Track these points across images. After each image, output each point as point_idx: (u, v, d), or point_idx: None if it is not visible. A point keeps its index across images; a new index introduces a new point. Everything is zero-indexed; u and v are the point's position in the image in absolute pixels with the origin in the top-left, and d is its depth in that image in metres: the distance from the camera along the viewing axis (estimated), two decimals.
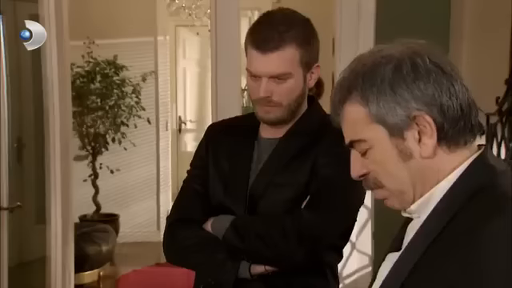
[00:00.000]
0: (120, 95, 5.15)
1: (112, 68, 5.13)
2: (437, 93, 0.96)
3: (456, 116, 0.97)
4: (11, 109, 2.87)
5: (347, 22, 3.30)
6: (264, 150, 1.54)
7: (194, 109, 7.42)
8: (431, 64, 0.98)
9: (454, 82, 0.99)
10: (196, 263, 1.51)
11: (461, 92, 0.99)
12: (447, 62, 1.01)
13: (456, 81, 0.99)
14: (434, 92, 0.96)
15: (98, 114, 5.10)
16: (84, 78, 5.02)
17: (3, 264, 2.23)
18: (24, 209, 2.35)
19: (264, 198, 1.49)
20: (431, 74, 0.97)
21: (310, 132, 1.51)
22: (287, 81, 1.45)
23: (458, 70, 1.01)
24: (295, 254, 1.41)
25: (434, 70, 0.97)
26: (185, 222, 1.54)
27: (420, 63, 0.98)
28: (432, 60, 0.99)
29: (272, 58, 1.43)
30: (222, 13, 3.32)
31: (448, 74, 0.98)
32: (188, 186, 1.60)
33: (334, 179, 1.44)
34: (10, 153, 2.44)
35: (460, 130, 0.98)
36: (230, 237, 1.46)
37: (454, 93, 0.97)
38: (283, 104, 1.47)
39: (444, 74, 0.98)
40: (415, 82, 0.96)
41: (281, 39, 1.42)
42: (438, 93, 0.96)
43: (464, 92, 1.00)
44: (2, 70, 2.27)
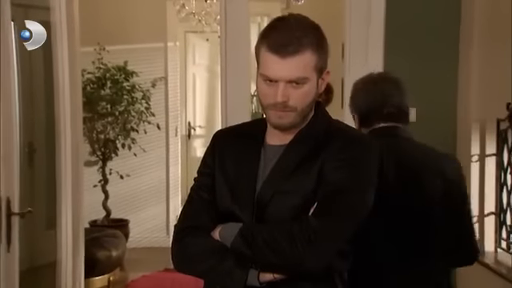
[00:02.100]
0: (130, 101, 5.18)
1: (122, 74, 5.16)
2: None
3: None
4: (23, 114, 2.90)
5: (356, 27, 3.30)
6: (271, 156, 1.53)
7: (204, 114, 7.44)
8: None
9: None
10: (204, 271, 1.51)
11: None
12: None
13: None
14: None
15: (108, 119, 5.13)
16: (94, 84, 5.06)
17: (15, 268, 2.24)
18: (35, 214, 2.36)
19: (271, 204, 1.48)
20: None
21: (316, 138, 1.51)
22: (304, 86, 1.45)
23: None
24: (303, 261, 1.41)
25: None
26: (193, 230, 1.54)
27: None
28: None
29: (291, 62, 1.43)
30: (232, 19, 3.33)
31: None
32: (195, 194, 1.60)
33: (341, 185, 1.43)
34: (22, 158, 2.45)
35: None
36: (238, 245, 1.45)
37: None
38: (298, 109, 1.47)
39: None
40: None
41: (299, 44, 1.43)
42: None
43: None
44: (14, 75, 2.29)
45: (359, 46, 3.30)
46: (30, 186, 3.41)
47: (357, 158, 1.47)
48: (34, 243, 3.37)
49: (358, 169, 1.46)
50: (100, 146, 5.17)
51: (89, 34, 3.72)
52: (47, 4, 2.75)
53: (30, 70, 3.38)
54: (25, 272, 2.43)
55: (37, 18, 2.99)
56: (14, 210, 2.19)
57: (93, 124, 5.08)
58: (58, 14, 2.74)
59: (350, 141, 1.50)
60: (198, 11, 5.10)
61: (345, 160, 1.45)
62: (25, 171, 3.10)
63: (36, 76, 3.49)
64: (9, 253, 2.17)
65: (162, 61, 5.65)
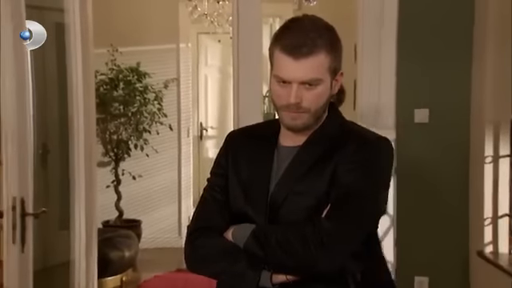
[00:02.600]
0: (142, 102, 5.20)
1: (135, 75, 5.18)
2: None
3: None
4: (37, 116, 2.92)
5: (369, 29, 3.29)
6: (284, 158, 1.53)
7: (216, 115, 7.45)
8: None
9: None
10: (217, 272, 1.51)
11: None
12: None
13: None
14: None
15: (120, 120, 5.15)
16: (107, 85, 5.08)
17: (29, 268, 2.26)
18: (48, 214, 2.37)
19: (284, 206, 1.48)
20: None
21: (330, 139, 1.51)
22: (317, 87, 1.45)
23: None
24: (316, 263, 1.40)
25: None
26: (206, 231, 1.55)
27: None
28: None
29: (305, 63, 1.42)
30: (244, 20, 3.33)
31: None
32: (208, 195, 1.61)
33: (355, 187, 1.43)
34: (36, 159, 2.47)
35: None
36: (250, 246, 1.46)
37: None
38: (311, 110, 1.47)
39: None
40: None
41: (313, 45, 1.42)
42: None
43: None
44: (29, 77, 2.31)
45: (372, 47, 3.29)
46: (43, 186, 3.43)
47: (370, 160, 1.46)
48: (48, 243, 3.39)
49: (372, 171, 1.46)
50: (113, 146, 5.20)
51: (102, 35, 3.74)
52: (61, 6, 2.77)
53: (43, 71, 3.40)
54: (39, 272, 2.44)
55: (51, 20, 3.02)
56: (29, 210, 2.21)
57: (106, 125, 5.10)
58: (72, 15, 2.76)
59: (364, 143, 1.49)
60: (210, 12, 5.11)
61: (358, 162, 1.45)
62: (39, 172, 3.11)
63: (50, 77, 3.52)
64: (23, 253, 2.18)
65: (175, 62, 5.67)
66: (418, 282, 3.40)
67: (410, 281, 3.41)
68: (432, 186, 3.38)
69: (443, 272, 3.39)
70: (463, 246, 3.37)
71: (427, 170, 3.39)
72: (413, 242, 3.40)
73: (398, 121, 3.34)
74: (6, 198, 2.13)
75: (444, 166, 3.38)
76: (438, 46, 3.33)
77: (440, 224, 3.38)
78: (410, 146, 3.33)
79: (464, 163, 3.36)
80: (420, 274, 3.40)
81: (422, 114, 3.34)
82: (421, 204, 3.39)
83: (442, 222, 3.38)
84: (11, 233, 2.11)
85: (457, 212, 3.38)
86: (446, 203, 3.39)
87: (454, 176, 3.38)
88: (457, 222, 3.38)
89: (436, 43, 3.34)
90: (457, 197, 3.38)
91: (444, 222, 3.38)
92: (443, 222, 3.38)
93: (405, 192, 3.33)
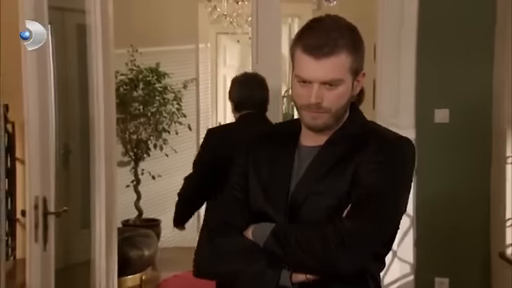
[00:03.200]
0: (162, 102, 5.23)
1: (154, 75, 5.21)
2: None
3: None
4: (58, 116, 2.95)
5: (389, 28, 3.28)
6: (305, 157, 1.53)
7: None
8: None
9: None
10: (237, 271, 1.51)
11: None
12: None
13: None
14: None
15: (140, 120, 5.19)
16: (127, 86, 5.12)
17: (51, 267, 2.29)
18: (70, 213, 2.40)
19: (305, 205, 1.48)
20: None
21: (351, 139, 1.50)
22: (338, 87, 1.44)
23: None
24: (336, 263, 1.40)
25: None
26: (225, 229, 1.55)
27: None
28: None
29: (326, 63, 1.42)
30: (263, 20, 3.34)
31: None
32: (228, 193, 1.61)
33: (376, 187, 1.42)
34: (58, 159, 2.50)
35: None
36: (270, 245, 1.45)
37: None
38: (332, 110, 1.46)
39: None
40: None
41: (335, 45, 1.41)
42: None
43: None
44: (51, 78, 2.33)
45: (391, 46, 3.28)
46: (65, 186, 3.47)
47: (392, 160, 1.45)
48: (69, 242, 3.43)
49: (393, 171, 1.45)
50: (132, 146, 5.23)
51: (122, 36, 3.76)
52: (83, 7, 2.79)
53: (65, 72, 3.44)
54: (60, 270, 2.47)
55: (73, 21, 3.05)
56: (50, 209, 2.23)
57: (125, 125, 5.14)
58: (94, 16, 2.78)
59: (386, 143, 1.48)
60: (229, 13, 5.12)
61: (380, 162, 1.44)
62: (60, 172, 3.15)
63: (71, 78, 3.55)
64: (45, 251, 2.20)
65: (194, 62, 5.69)
66: (438, 283, 3.38)
67: (431, 282, 3.38)
68: (452, 186, 3.36)
69: (464, 273, 3.37)
70: (484, 247, 3.34)
71: (447, 171, 3.37)
72: (433, 242, 3.37)
73: (418, 121, 3.32)
74: (29, 197, 2.15)
75: (465, 167, 3.35)
76: (458, 45, 3.31)
77: (461, 225, 3.36)
78: (430, 146, 3.31)
79: (485, 164, 3.33)
80: (440, 275, 3.38)
81: (443, 114, 3.32)
82: (441, 204, 3.37)
83: (462, 223, 3.36)
84: (33, 231, 2.13)
85: (478, 213, 3.35)
86: (466, 204, 3.36)
87: (474, 176, 3.35)
88: (478, 223, 3.35)
89: (457, 43, 3.31)
90: (478, 197, 3.35)
91: (465, 223, 3.35)
92: (464, 222, 3.36)
93: (424, 192, 3.31)
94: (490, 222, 3.32)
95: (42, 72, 2.22)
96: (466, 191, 3.35)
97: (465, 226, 3.35)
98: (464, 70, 3.31)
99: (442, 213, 3.37)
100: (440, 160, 3.35)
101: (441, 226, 3.37)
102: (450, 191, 3.36)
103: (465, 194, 3.35)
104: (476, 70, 3.30)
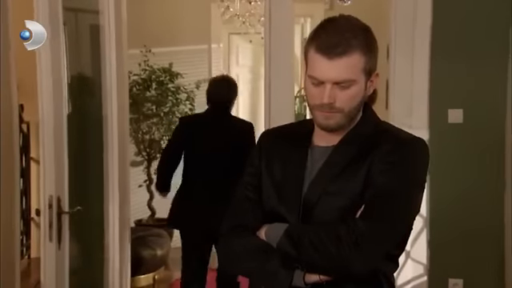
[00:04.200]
0: (174, 102, 5.24)
1: (167, 75, 5.22)
2: None
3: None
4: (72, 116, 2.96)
5: (402, 28, 3.27)
6: (318, 158, 1.53)
7: (247, 115, 7.45)
8: None
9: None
10: (250, 271, 1.52)
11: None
12: None
13: None
14: None
15: (153, 120, 5.20)
16: (140, 86, 5.14)
17: (65, 266, 2.30)
18: (83, 213, 2.41)
19: (318, 206, 1.48)
20: None
21: (364, 140, 1.50)
22: (351, 88, 1.44)
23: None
24: (349, 263, 1.40)
25: None
26: (238, 229, 1.55)
27: None
28: None
29: (339, 63, 1.41)
30: (276, 20, 3.34)
31: None
32: (241, 194, 1.61)
33: (389, 188, 1.42)
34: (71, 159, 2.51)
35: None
36: (283, 245, 1.45)
37: None
38: (345, 111, 1.46)
39: None
40: None
41: (348, 45, 1.41)
42: None
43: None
44: (65, 79, 2.35)
45: (405, 46, 3.27)
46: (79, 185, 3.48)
47: (406, 160, 1.45)
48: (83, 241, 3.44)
49: (407, 172, 1.44)
50: (145, 146, 5.25)
51: (135, 36, 3.78)
52: (96, 8, 2.81)
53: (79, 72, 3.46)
54: (74, 270, 2.48)
55: (86, 22, 3.07)
56: (65, 208, 2.25)
57: (138, 125, 5.16)
58: (107, 17, 2.80)
59: (399, 143, 1.48)
60: (242, 13, 5.13)
61: (393, 163, 1.43)
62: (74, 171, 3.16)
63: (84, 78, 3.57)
64: (59, 250, 2.23)
65: (206, 62, 5.70)
66: (452, 285, 3.36)
67: (444, 283, 3.37)
68: (466, 186, 3.34)
69: (478, 274, 3.35)
70: (499, 248, 3.32)
71: (461, 171, 3.35)
72: (446, 243, 3.36)
73: (432, 121, 3.30)
74: (43, 196, 2.17)
75: (478, 167, 3.33)
76: (472, 45, 3.29)
77: (474, 225, 3.33)
78: (443, 147, 3.29)
79: (499, 164, 3.31)
80: (454, 276, 3.36)
81: (456, 115, 3.30)
82: (454, 205, 3.35)
83: (476, 224, 3.33)
84: (48, 231, 2.15)
85: (492, 213, 3.33)
86: (480, 204, 3.34)
87: (488, 177, 3.32)
88: (492, 224, 3.33)
89: (470, 42, 3.29)
90: (491, 198, 3.32)
91: (478, 224, 3.33)
92: (478, 223, 3.33)
93: (438, 193, 3.29)
94: (504, 223, 3.30)
95: (56, 72, 2.24)
96: (479, 191, 3.33)
97: (479, 226, 3.33)
98: (478, 70, 3.28)
99: (456, 213, 3.35)
100: (453, 160, 3.33)
101: (454, 226, 3.35)
102: (464, 191, 3.34)
103: (478, 194, 3.33)
104: (490, 69, 3.28)
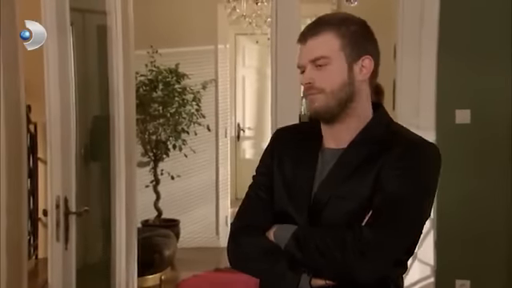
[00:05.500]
0: (181, 103, 5.25)
1: (174, 76, 5.24)
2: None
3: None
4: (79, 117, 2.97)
5: (409, 28, 3.26)
6: (328, 159, 1.51)
7: (253, 116, 7.47)
8: None
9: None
10: (258, 271, 1.51)
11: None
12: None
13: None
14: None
15: (159, 121, 5.21)
16: (147, 87, 5.15)
17: (72, 265, 2.31)
18: (90, 213, 2.42)
19: (326, 208, 1.47)
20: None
21: (375, 141, 1.48)
22: (327, 67, 1.47)
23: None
24: (354, 271, 1.38)
25: None
26: (248, 229, 1.54)
27: None
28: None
29: (311, 44, 1.48)
30: (283, 21, 3.33)
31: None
32: (253, 193, 1.60)
33: (399, 194, 1.40)
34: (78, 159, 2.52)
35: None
36: (291, 247, 1.45)
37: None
38: (326, 90, 1.47)
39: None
40: None
41: (317, 26, 1.49)
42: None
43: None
44: (72, 79, 2.36)
45: (412, 46, 3.26)
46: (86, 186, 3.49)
47: (416, 165, 1.42)
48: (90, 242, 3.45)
49: (417, 177, 1.42)
50: (152, 147, 5.26)
51: (142, 37, 3.79)
52: (103, 8, 2.82)
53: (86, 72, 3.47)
54: (81, 269, 2.49)
55: (93, 23, 3.08)
56: (72, 209, 2.26)
57: (145, 125, 5.17)
58: (114, 18, 2.80)
59: (410, 147, 1.45)
60: (248, 14, 5.13)
61: (404, 168, 1.41)
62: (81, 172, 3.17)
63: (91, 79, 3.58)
64: (66, 250, 2.23)
65: (213, 63, 5.71)
66: (459, 286, 3.35)
67: (451, 284, 3.35)
68: (473, 187, 3.32)
69: (485, 275, 3.33)
70: (506, 249, 3.30)
71: (468, 172, 3.33)
72: (454, 244, 3.34)
73: (439, 121, 3.29)
74: (51, 196, 2.18)
75: (486, 168, 3.32)
76: (480, 45, 3.28)
77: (482, 226, 3.32)
78: (451, 147, 3.27)
79: (507, 165, 3.29)
80: (461, 278, 3.34)
81: (464, 115, 3.29)
82: (461, 206, 3.34)
83: (483, 225, 3.32)
84: (55, 231, 2.16)
85: (499, 214, 3.31)
86: (488, 205, 3.32)
87: (496, 178, 3.31)
88: (499, 225, 3.31)
89: (478, 43, 3.28)
90: (499, 199, 3.31)
91: (486, 225, 3.32)
92: (485, 224, 3.32)
93: (445, 194, 3.28)
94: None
95: (64, 73, 2.24)
96: (487, 193, 3.32)
97: (486, 227, 3.31)
98: (486, 70, 3.27)
99: (463, 214, 3.34)
100: (461, 161, 3.32)
101: (462, 227, 3.34)
102: (471, 192, 3.32)
103: (486, 195, 3.32)
104: (498, 69, 3.26)
